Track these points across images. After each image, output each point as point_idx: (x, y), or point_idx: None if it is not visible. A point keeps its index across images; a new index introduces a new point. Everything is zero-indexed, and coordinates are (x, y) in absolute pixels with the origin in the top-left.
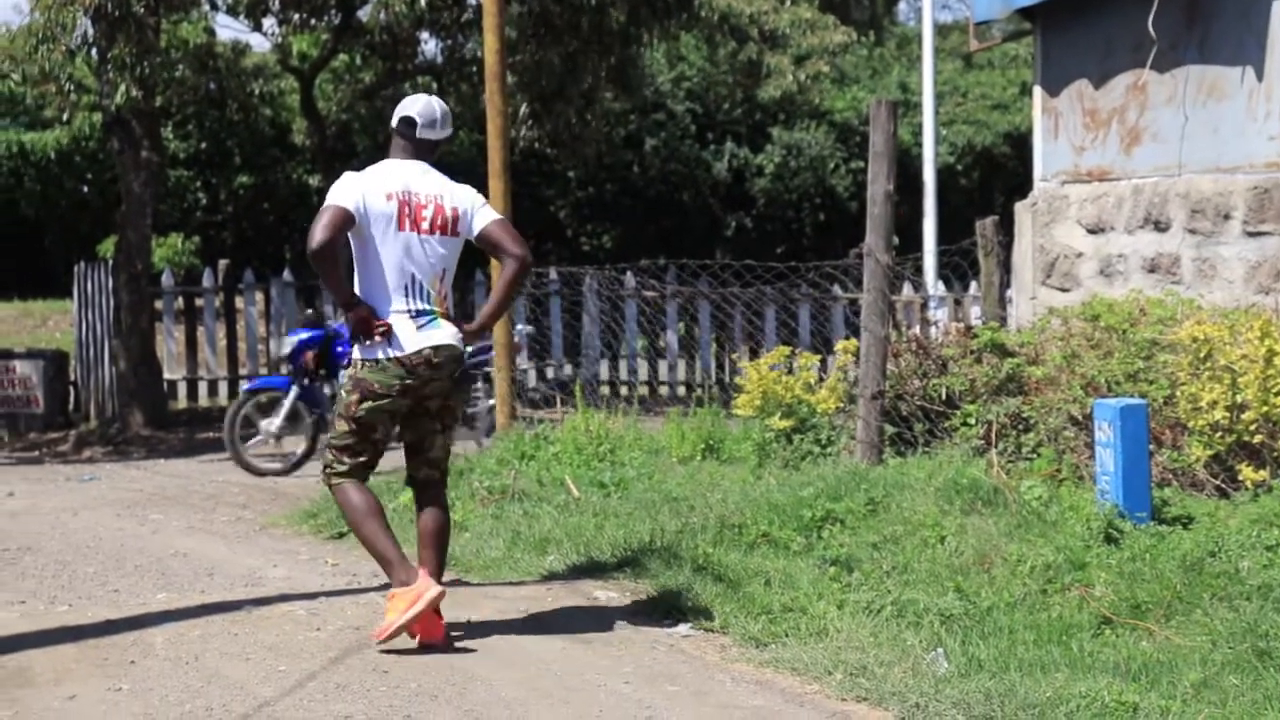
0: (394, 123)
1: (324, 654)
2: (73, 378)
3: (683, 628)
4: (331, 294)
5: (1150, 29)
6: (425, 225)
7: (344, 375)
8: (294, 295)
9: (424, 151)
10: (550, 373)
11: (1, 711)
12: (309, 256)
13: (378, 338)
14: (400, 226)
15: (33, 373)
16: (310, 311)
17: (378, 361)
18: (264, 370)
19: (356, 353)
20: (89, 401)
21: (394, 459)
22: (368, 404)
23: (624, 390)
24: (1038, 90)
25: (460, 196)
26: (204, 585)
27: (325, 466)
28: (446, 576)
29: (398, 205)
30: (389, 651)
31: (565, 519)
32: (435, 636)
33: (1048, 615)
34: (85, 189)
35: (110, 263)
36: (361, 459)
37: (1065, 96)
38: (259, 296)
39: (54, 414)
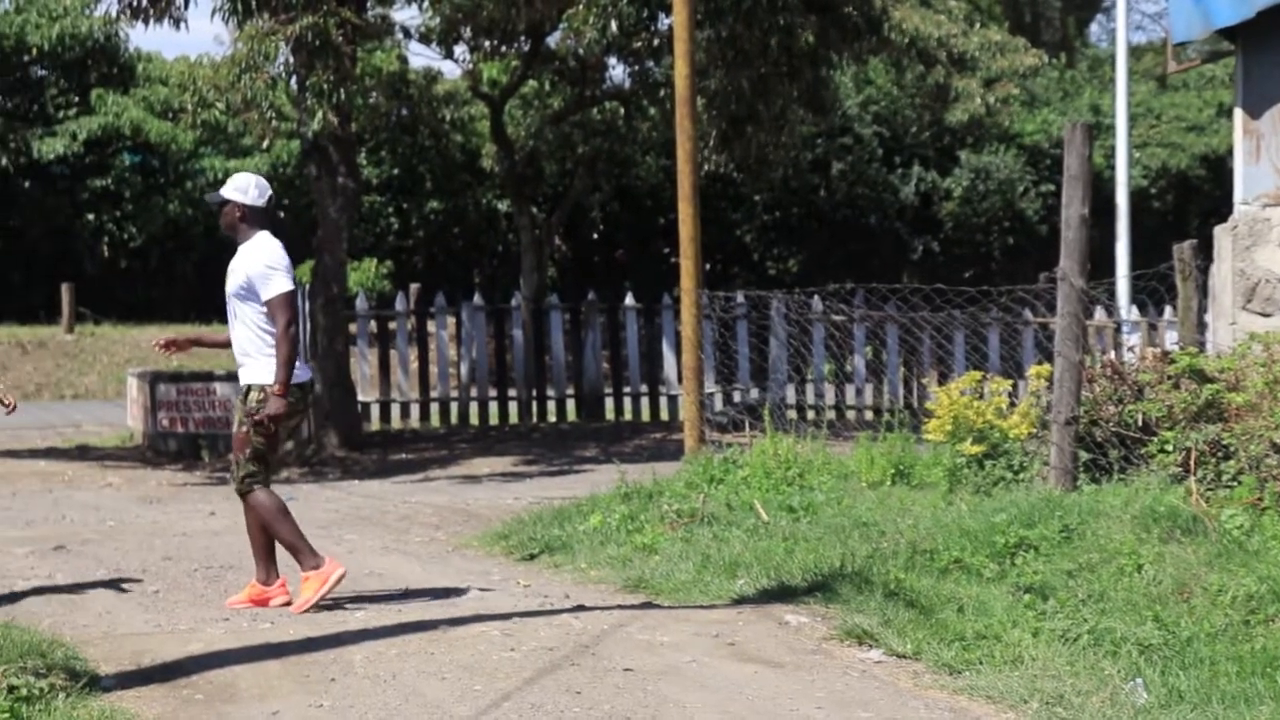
0: (265, 201)
1: (518, 674)
2: None
3: (875, 653)
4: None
5: None
6: None
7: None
8: (484, 319)
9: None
10: (737, 396)
11: None
12: (291, 331)
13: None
14: None
15: (232, 394)
16: None
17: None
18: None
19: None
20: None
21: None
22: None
23: (811, 414)
24: (1239, 112)
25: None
26: (399, 605)
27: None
28: (637, 598)
29: None
30: (581, 673)
31: (754, 543)
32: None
33: (1251, 647)
34: (282, 215)
35: (307, 287)
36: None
37: (1268, 118)
38: (449, 320)
39: None
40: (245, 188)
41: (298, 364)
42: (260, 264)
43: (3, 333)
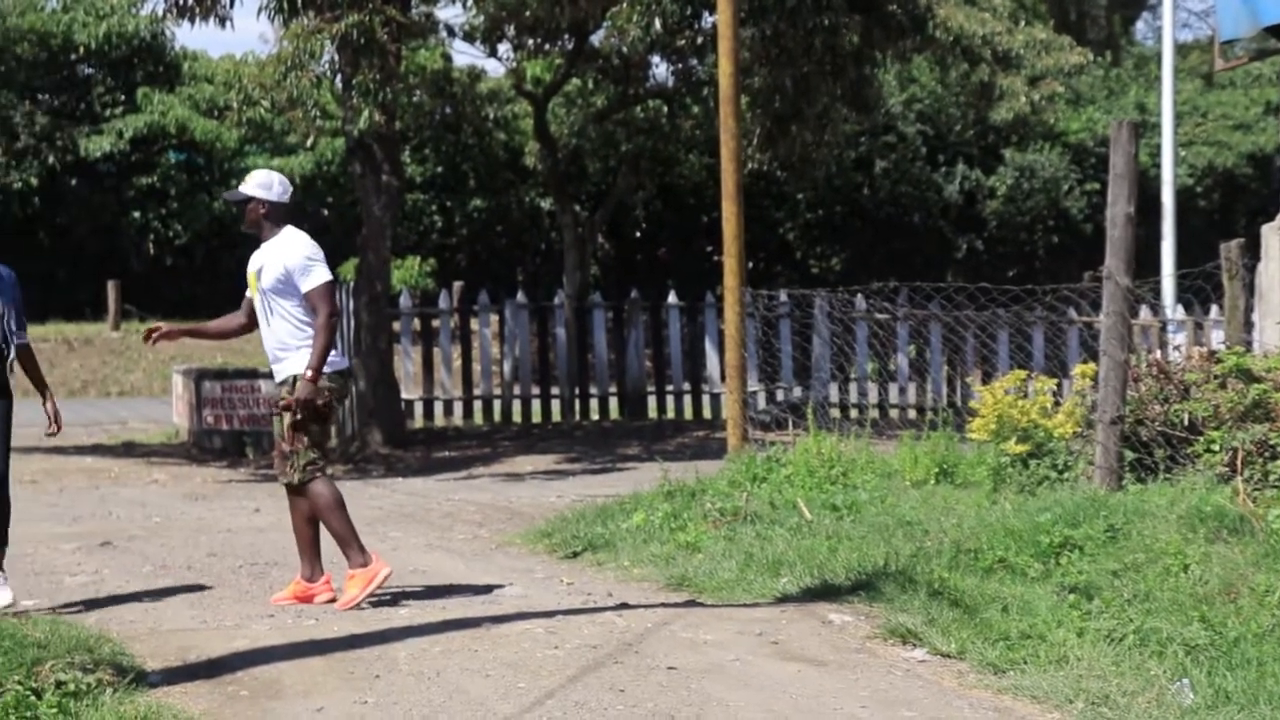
0: (288, 197)
1: (562, 672)
2: None
3: (918, 653)
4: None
5: None
6: None
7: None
8: (527, 317)
9: None
10: (780, 395)
11: None
12: (332, 321)
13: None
14: None
15: (276, 392)
16: None
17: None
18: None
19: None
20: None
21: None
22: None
23: (854, 413)
24: None
25: None
26: (443, 602)
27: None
28: (680, 596)
29: None
30: (625, 670)
31: (798, 541)
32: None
33: None
34: (326, 213)
35: (351, 285)
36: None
37: None
38: (493, 318)
39: None
40: (269, 184)
41: (333, 353)
42: (300, 256)
43: (50, 330)
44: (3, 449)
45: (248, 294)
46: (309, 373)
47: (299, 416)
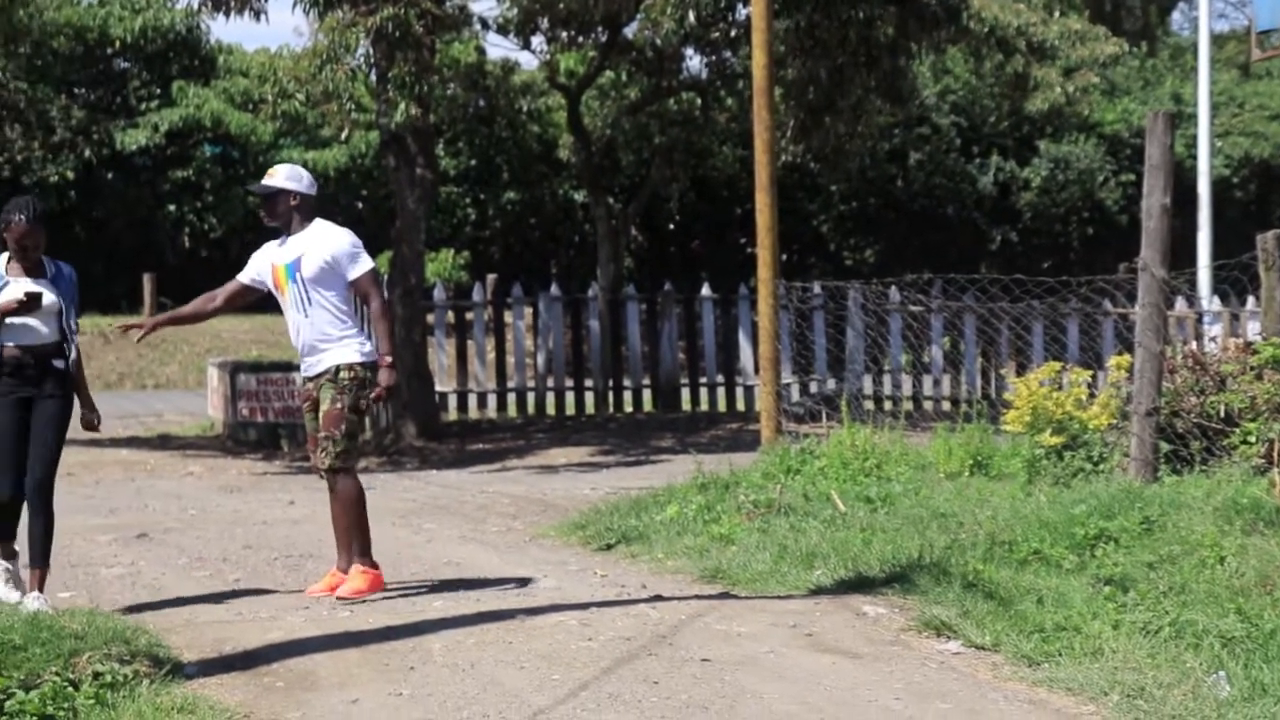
0: (315, 189)
1: (596, 664)
2: None
3: (953, 645)
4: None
5: None
6: None
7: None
8: (561, 309)
9: None
10: (814, 387)
11: (290, 714)
12: (388, 304)
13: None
14: None
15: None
16: None
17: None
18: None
19: (361, 357)
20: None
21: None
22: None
23: (888, 405)
24: None
25: None
26: (477, 594)
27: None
28: (714, 588)
29: None
30: (658, 662)
31: (832, 533)
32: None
33: None
34: (360, 206)
35: (385, 277)
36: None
37: None
38: (526, 311)
39: None
40: (298, 177)
41: (369, 344)
42: (347, 244)
43: (86, 322)
44: (53, 454)
45: (240, 279)
46: (389, 358)
47: (369, 406)
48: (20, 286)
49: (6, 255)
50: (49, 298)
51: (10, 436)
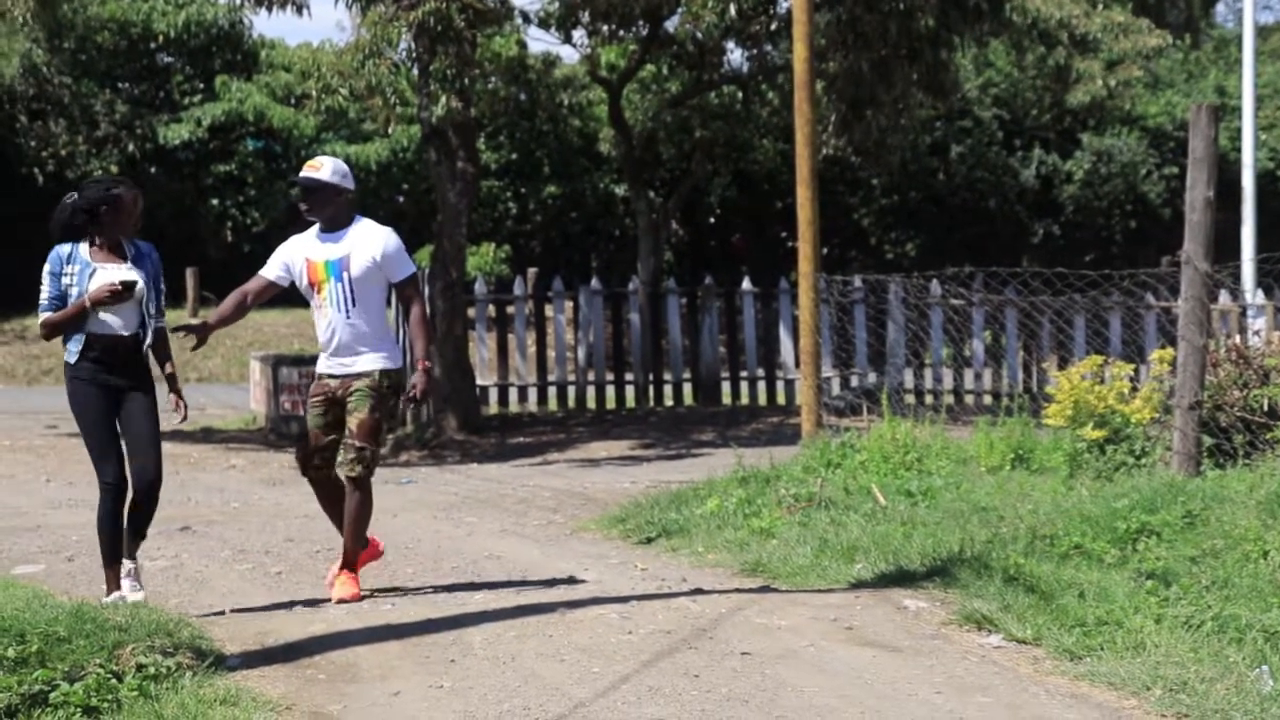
0: (351, 184)
1: (636, 657)
2: None
3: (994, 639)
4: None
5: None
6: None
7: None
8: (601, 303)
9: None
10: (854, 381)
11: (331, 705)
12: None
13: None
14: None
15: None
16: None
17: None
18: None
19: (396, 364)
20: (405, 407)
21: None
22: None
23: (929, 399)
24: None
25: None
26: (518, 587)
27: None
28: (754, 582)
29: None
30: (699, 656)
31: (872, 527)
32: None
33: None
34: (401, 199)
35: (427, 271)
36: None
37: None
38: (567, 305)
39: None
40: (345, 172)
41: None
42: (396, 245)
43: None
44: (159, 451)
45: (265, 276)
46: (427, 362)
47: (417, 405)
48: (109, 274)
49: (86, 242)
50: (140, 283)
51: (106, 426)
